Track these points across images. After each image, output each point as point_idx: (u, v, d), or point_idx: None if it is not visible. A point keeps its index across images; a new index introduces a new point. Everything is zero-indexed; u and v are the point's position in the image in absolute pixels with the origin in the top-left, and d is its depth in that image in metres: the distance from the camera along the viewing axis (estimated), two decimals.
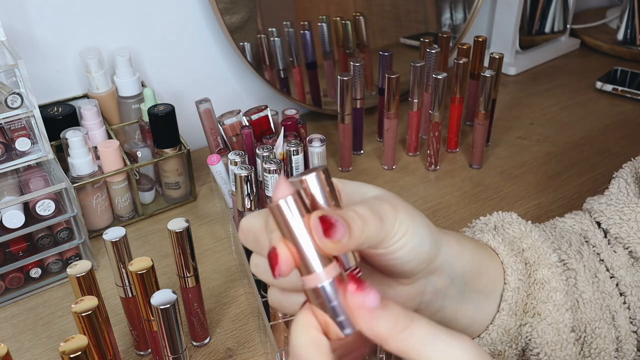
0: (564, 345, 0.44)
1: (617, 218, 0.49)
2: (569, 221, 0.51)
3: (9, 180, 0.65)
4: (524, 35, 1.16)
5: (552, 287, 0.44)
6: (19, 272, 0.64)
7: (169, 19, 0.84)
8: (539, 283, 0.44)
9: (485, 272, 0.42)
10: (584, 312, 0.45)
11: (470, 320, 0.43)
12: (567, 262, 0.46)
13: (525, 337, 0.44)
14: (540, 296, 0.44)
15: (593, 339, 0.45)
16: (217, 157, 0.65)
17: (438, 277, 0.39)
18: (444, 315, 0.41)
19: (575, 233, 0.50)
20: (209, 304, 0.63)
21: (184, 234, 0.51)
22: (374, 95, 0.99)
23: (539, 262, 0.44)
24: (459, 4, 1.07)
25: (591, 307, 0.45)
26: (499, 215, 0.48)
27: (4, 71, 0.62)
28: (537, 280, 0.44)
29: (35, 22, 0.75)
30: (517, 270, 0.43)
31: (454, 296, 0.40)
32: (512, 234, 0.46)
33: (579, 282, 0.45)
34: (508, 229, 0.46)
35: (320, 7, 0.94)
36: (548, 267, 0.44)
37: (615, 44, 1.20)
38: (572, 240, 0.49)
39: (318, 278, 0.27)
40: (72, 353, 0.40)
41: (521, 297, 0.43)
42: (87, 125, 0.72)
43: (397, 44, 1.05)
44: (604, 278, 0.47)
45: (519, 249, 0.45)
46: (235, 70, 0.93)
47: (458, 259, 0.39)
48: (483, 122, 0.82)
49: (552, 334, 0.43)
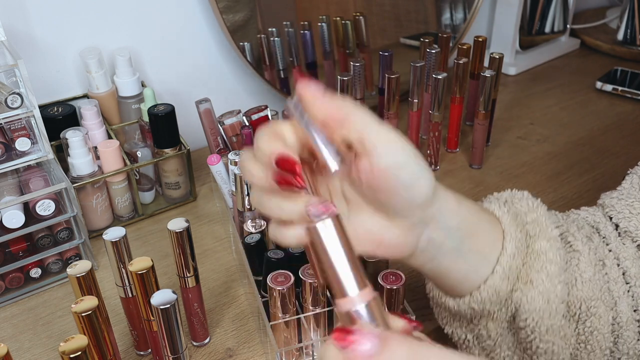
0: (552, 314, 0.44)
1: (627, 212, 0.50)
2: (583, 213, 0.53)
3: (9, 180, 0.65)
4: (524, 35, 1.16)
5: (548, 259, 0.45)
6: (19, 272, 0.64)
7: (169, 19, 0.84)
8: (536, 253, 0.45)
9: (483, 234, 0.44)
10: (581, 289, 0.46)
11: (463, 277, 0.44)
12: (573, 244, 0.47)
13: (515, 302, 0.45)
14: (535, 265, 0.45)
15: (587, 317, 0.46)
16: (217, 157, 0.65)
17: (433, 228, 0.40)
18: (437, 266, 0.43)
19: (588, 224, 0.52)
20: (209, 304, 0.63)
21: (184, 234, 0.51)
22: (374, 95, 0.99)
23: (538, 235, 0.45)
24: (459, 4, 1.07)
25: (590, 286, 0.46)
26: (511, 192, 0.50)
27: (4, 71, 0.62)
28: (534, 250, 0.45)
29: (35, 22, 0.75)
30: (516, 238, 0.44)
31: (449, 250, 0.42)
32: (519, 208, 0.47)
33: (581, 262, 0.47)
34: (517, 204, 0.48)
35: (320, 7, 0.94)
36: (547, 239, 0.45)
37: (615, 44, 1.20)
38: (584, 227, 0.50)
39: (352, 302, 0.28)
40: (72, 353, 0.40)
41: (516, 264, 0.44)
42: (87, 125, 0.72)
43: (397, 44, 1.05)
44: (610, 264, 0.48)
45: (523, 222, 0.46)
46: (235, 70, 0.93)
47: (454, 214, 0.41)
48: (483, 122, 0.82)
49: (542, 302, 0.44)
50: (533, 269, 0.45)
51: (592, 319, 0.46)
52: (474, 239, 0.43)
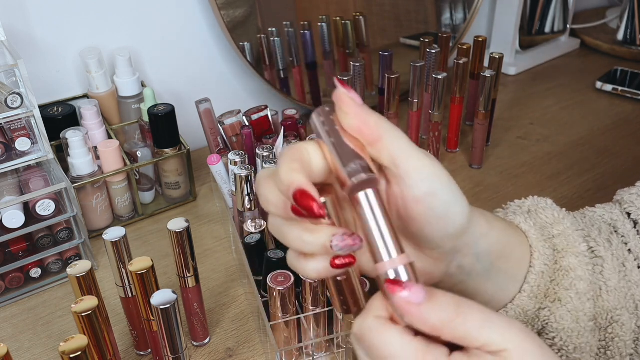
0: (581, 333, 0.44)
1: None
2: (599, 211, 0.51)
3: (9, 180, 0.65)
4: (524, 35, 1.16)
5: (577, 276, 0.44)
6: (19, 272, 0.64)
7: (169, 19, 0.84)
8: (565, 270, 0.44)
9: (511, 253, 0.43)
10: (606, 299, 0.45)
11: (490, 298, 0.43)
12: (595, 250, 0.46)
13: (542, 320, 0.44)
14: (563, 283, 0.44)
15: (610, 324, 0.45)
16: (217, 157, 0.65)
17: (465, 254, 0.39)
18: (465, 289, 0.42)
19: (605, 223, 0.50)
20: (209, 304, 0.63)
21: (184, 234, 0.51)
22: (374, 95, 0.99)
23: (567, 250, 0.44)
24: (459, 4, 1.07)
25: (615, 295, 0.45)
26: (533, 200, 0.48)
27: (4, 71, 0.62)
28: (562, 267, 0.44)
29: (35, 22, 0.75)
30: (545, 255, 0.43)
31: (478, 273, 0.41)
32: (545, 219, 0.46)
33: (605, 269, 0.46)
34: (541, 214, 0.46)
35: (320, 7, 0.94)
36: (575, 255, 0.44)
37: (615, 44, 1.20)
38: (602, 228, 0.49)
39: (394, 262, 0.31)
40: (72, 353, 0.40)
41: (544, 282, 0.43)
42: (87, 125, 0.72)
43: (397, 44, 1.05)
44: (631, 267, 0.47)
45: (550, 235, 0.45)
46: (235, 70, 0.93)
47: (485, 238, 0.40)
48: (483, 122, 0.82)
49: (571, 321, 0.43)
50: (562, 286, 0.44)
51: (615, 325, 0.45)
52: (504, 260, 0.42)
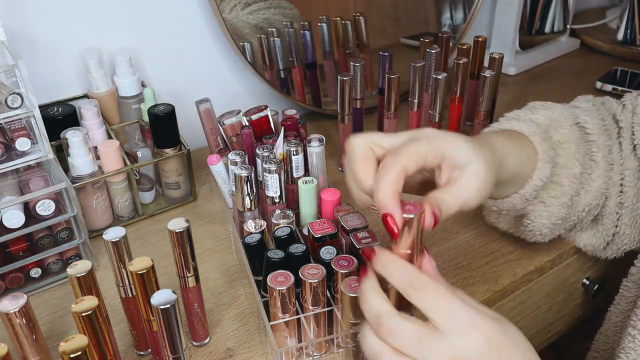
0: (549, 226, 0.61)
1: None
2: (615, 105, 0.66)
3: (9, 180, 0.65)
4: (524, 35, 1.16)
5: (563, 192, 0.59)
6: (19, 272, 0.64)
7: (169, 19, 0.84)
8: (557, 184, 0.59)
9: (520, 174, 0.56)
10: (584, 197, 0.60)
11: (490, 195, 0.54)
12: (594, 156, 0.60)
13: (526, 210, 0.60)
14: (551, 192, 0.59)
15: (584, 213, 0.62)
16: (217, 157, 0.65)
17: None
18: None
19: (612, 117, 0.65)
20: (209, 304, 0.63)
21: (184, 234, 0.51)
22: (374, 95, 0.99)
23: (564, 167, 0.58)
24: (459, 4, 1.07)
25: (593, 194, 0.60)
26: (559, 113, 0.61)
27: (4, 71, 0.62)
28: (556, 181, 0.58)
29: (35, 22, 0.75)
30: (544, 172, 0.56)
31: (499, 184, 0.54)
32: (558, 138, 0.59)
33: (594, 173, 0.60)
34: (559, 131, 0.59)
35: (320, 7, 0.94)
36: (568, 177, 0.58)
37: (615, 44, 1.20)
38: (609, 126, 0.63)
39: None
40: (72, 353, 0.40)
41: (537, 189, 0.57)
42: (87, 125, 0.72)
43: (397, 44, 1.05)
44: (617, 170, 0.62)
45: (556, 154, 0.58)
46: (235, 70, 0.93)
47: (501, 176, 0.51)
48: (483, 122, 0.82)
49: (545, 218, 0.60)
50: (549, 194, 0.59)
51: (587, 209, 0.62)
52: (513, 179, 0.55)
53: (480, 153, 0.46)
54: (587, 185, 0.60)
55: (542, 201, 0.59)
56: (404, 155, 0.43)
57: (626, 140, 0.63)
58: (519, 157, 0.55)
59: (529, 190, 0.57)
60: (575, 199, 0.60)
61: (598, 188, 0.60)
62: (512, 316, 0.68)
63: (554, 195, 0.59)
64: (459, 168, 0.45)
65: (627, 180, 0.62)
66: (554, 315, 0.76)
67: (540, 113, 0.60)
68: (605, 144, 0.61)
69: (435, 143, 0.45)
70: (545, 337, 0.78)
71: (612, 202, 0.63)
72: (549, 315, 0.76)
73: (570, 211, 0.60)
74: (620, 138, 0.63)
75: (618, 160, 0.62)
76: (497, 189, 0.56)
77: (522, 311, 0.71)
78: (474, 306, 0.39)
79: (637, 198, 0.62)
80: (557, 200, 0.59)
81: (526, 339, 0.40)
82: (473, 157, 0.45)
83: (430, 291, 0.39)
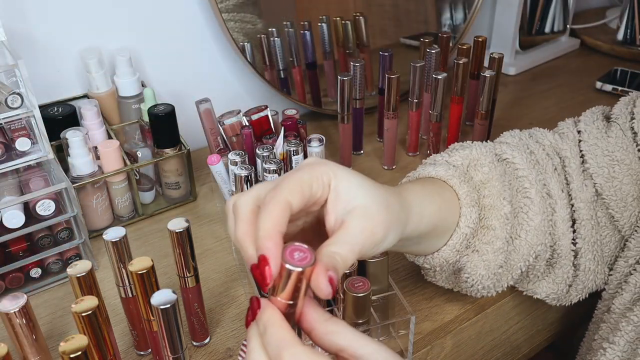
0: (490, 277, 0.54)
1: None
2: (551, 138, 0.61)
3: (9, 180, 0.65)
4: (524, 35, 1.16)
5: (496, 235, 0.53)
6: (19, 272, 0.64)
7: (169, 19, 0.84)
8: (487, 228, 0.53)
9: (443, 224, 0.50)
10: (524, 238, 0.54)
11: (418, 252, 0.53)
12: (528, 193, 0.55)
13: (461, 264, 0.54)
14: (483, 239, 0.53)
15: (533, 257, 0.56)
16: (217, 157, 0.65)
17: (399, 245, 0.46)
18: (399, 248, 0.50)
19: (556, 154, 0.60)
20: (209, 304, 0.63)
21: (184, 234, 0.51)
22: (374, 95, 0.99)
23: (492, 209, 0.53)
24: (459, 4, 1.07)
25: (534, 234, 0.54)
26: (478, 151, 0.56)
27: (4, 71, 0.62)
28: (486, 225, 0.53)
29: (35, 22, 0.75)
30: (471, 219, 0.51)
31: (410, 244, 0.49)
32: (480, 177, 0.54)
33: (531, 211, 0.54)
34: (480, 171, 0.54)
35: (320, 7, 0.94)
36: (498, 218, 0.53)
37: (615, 44, 1.20)
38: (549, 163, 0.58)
39: None
40: (72, 353, 0.40)
41: (467, 238, 0.52)
42: (87, 125, 0.72)
43: (397, 44, 1.05)
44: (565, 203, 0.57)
45: (480, 195, 0.53)
46: (235, 70, 0.93)
47: (418, 227, 0.47)
48: (483, 122, 0.82)
49: (483, 269, 0.53)
50: (482, 241, 0.53)
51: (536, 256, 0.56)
52: (434, 231, 0.49)
53: (373, 191, 0.39)
54: (525, 224, 0.54)
55: (475, 250, 0.53)
56: (284, 187, 0.36)
57: (574, 171, 0.58)
58: (437, 205, 0.49)
59: (457, 240, 0.51)
60: (514, 242, 0.54)
61: (538, 226, 0.54)
62: (513, 315, 0.68)
63: (486, 242, 0.53)
64: (345, 207, 0.38)
65: (582, 213, 0.57)
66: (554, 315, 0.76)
67: (458, 154, 0.55)
68: (537, 179, 0.55)
69: (318, 169, 0.38)
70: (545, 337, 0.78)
71: (564, 241, 0.56)
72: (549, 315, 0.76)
73: (510, 257, 0.54)
74: (566, 168, 0.59)
75: (560, 194, 0.56)
76: (425, 244, 0.51)
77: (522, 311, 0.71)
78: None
79: (595, 230, 0.58)
80: (491, 246, 0.53)
81: None
82: (361, 193, 0.38)
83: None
